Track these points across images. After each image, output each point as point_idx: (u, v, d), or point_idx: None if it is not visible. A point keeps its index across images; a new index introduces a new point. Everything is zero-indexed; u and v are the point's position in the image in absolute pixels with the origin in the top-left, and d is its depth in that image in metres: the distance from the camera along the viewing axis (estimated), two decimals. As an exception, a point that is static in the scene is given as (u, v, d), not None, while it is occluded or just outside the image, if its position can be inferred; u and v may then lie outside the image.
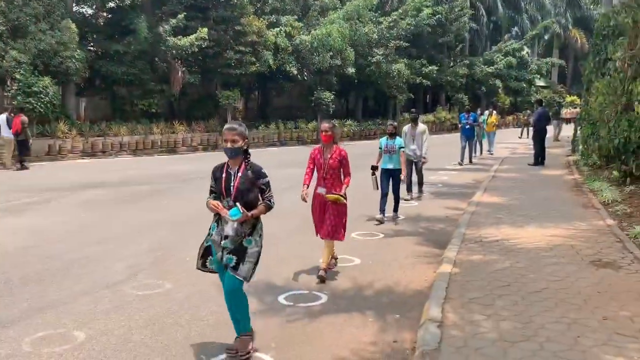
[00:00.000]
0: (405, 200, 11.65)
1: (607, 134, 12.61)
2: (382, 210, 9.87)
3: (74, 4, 25.13)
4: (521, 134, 34.79)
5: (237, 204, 4.31)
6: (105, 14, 27.03)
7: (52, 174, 16.65)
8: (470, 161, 19.97)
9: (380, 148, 10.03)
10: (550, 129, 25.46)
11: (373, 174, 9.21)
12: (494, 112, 26.02)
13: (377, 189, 9.41)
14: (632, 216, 9.38)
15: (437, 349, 4.38)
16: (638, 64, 12.06)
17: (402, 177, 9.94)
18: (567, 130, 30.52)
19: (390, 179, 10.00)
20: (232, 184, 4.43)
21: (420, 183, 12.60)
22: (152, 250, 7.84)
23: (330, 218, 6.69)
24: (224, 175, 4.48)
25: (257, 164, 4.53)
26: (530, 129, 35.38)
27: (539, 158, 17.86)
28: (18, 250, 7.80)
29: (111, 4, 25.86)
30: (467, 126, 19.49)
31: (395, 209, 10.12)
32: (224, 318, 5.39)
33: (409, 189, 12.09)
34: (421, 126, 12.27)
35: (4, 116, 17.60)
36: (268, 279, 6.62)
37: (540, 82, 54.84)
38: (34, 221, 9.77)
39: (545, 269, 6.50)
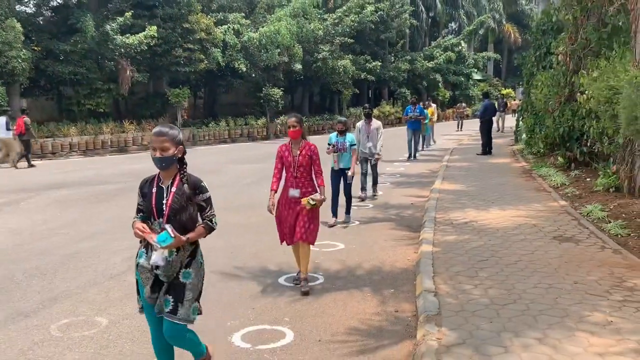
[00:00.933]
0: (359, 198, 11.26)
1: (553, 123, 13.58)
2: (334, 213, 9.32)
3: (16, 3, 24.49)
4: (458, 127, 35.34)
5: (167, 226, 3.47)
6: (49, 12, 26.47)
7: (8, 177, 16.39)
8: (414, 156, 19.33)
9: (330, 144, 9.27)
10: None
11: (336, 150, 9.20)
12: (432, 105, 26.46)
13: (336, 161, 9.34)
14: (582, 197, 10.27)
15: (439, 314, 4.93)
16: (579, 58, 13.07)
17: (350, 174, 9.30)
18: (508, 121, 31.95)
19: (342, 179, 9.44)
20: (164, 201, 3.59)
21: (375, 182, 11.89)
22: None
23: (304, 219, 6.00)
24: (154, 190, 3.64)
25: (195, 176, 3.72)
26: (464, 121, 36.91)
27: (487, 148, 18.86)
28: (9, 248, 7.92)
29: (55, 3, 25.40)
30: (413, 119, 19.10)
31: (347, 211, 9.44)
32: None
33: (363, 188, 11.58)
34: (376, 122, 11.47)
35: (3, 118, 19.01)
36: (262, 265, 7.04)
37: (477, 76, 56.85)
38: (12, 221, 9.81)
39: (515, 244, 7.19)
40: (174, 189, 3.61)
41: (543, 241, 7.32)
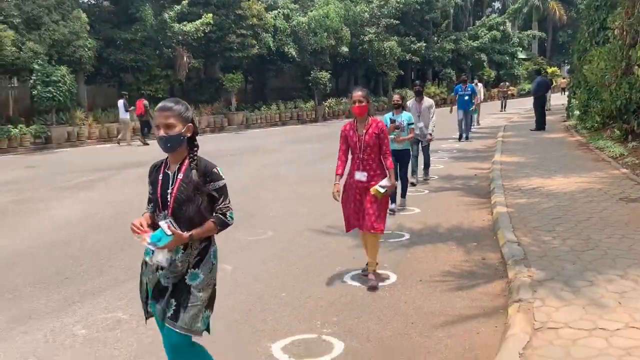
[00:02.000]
0: (410, 184, 10.19)
1: (610, 97, 13.88)
2: (403, 194, 8.90)
3: (80, -6, 25.70)
4: (502, 107, 34.59)
5: (162, 223, 2.92)
6: (108, 2, 27.67)
7: (85, 158, 17.54)
8: (467, 137, 18.48)
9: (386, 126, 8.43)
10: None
11: (397, 126, 8.42)
12: (479, 84, 26.35)
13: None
14: (642, 165, 10.69)
15: (525, 259, 5.57)
16: (635, 32, 13.33)
17: (408, 137, 8.66)
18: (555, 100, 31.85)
19: (398, 162, 8.33)
20: (169, 190, 3.06)
21: (427, 165, 11.21)
22: (235, 210, 8.83)
23: (373, 208, 5.40)
24: (160, 177, 3.11)
25: (207, 160, 3.14)
26: (507, 101, 36.62)
27: (540, 123, 19.17)
28: (113, 217, 8.83)
29: (115, -7, 26.57)
30: (466, 97, 18.24)
31: (403, 195, 8.90)
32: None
33: (413, 172, 10.81)
34: (427, 100, 10.71)
35: (121, 101, 21.63)
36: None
37: (522, 55, 56.29)
38: (108, 194, 10.78)
39: (584, 205, 7.75)
40: (180, 176, 3.06)
41: (610, 202, 7.86)
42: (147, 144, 20.76)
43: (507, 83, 42.02)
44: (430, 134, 10.61)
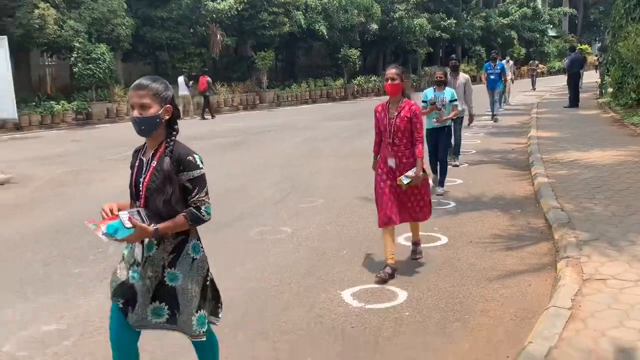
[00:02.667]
0: (453, 165, 9.90)
1: (646, 73, 13.99)
2: (441, 182, 8.28)
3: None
4: (532, 85, 33.88)
5: (121, 213, 2.63)
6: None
7: (127, 133, 18.11)
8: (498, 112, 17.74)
9: (425, 102, 8.00)
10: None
11: (437, 108, 8.00)
12: (510, 62, 26.08)
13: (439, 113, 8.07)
14: (678, 140, 10.87)
15: (570, 222, 5.93)
16: (674, 8, 13.36)
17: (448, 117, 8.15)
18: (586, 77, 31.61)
19: (437, 143, 8.16)
20: (141, 179, 2.80)
21: (457, 151, 10.26)
22: (282, 182, 9.38)
23: (413, 200, 5.23)
24: (136, 164, 2.89)
25: (184, 146, 2.82)
26: (538, 79, 36.13)
27: (574, 100, 19.24)
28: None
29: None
30: (492, 76, 17.54)
31: (442, 181, 8.27)
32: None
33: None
34: (463, 76, 10.08)
35: (181, 77, 23.49)
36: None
37: (552, 32, 55.62)
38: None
39: (623, 176, 8.04)
40: (154, 163, 2.78)
41: (648, 173, 8.15)
42: (205, 119, 22.95)
43: (536, 61, 41.51)
44: (472, 114, 10.13)
